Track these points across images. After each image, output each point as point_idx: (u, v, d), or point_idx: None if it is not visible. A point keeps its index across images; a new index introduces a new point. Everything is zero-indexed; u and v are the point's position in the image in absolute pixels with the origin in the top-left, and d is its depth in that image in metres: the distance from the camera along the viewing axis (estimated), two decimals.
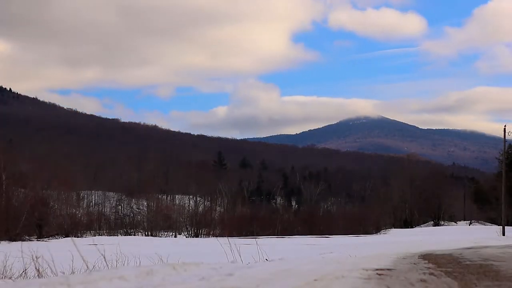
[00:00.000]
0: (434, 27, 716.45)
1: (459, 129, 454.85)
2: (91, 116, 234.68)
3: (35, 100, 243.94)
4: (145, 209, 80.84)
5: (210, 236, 64.78)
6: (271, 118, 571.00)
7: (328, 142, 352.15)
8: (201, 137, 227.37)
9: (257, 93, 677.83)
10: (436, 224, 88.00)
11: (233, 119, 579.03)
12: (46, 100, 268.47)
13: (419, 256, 16.80)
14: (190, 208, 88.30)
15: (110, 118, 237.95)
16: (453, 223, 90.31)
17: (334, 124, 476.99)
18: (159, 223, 70.73)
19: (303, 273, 9.53)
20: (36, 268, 11.97)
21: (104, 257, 13.28)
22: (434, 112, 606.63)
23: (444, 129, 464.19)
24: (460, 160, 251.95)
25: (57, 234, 56.77)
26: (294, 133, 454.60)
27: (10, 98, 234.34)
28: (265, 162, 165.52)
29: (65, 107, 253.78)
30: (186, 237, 66.55)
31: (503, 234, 50.04)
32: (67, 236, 54.64)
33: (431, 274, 9.70)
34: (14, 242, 44.12)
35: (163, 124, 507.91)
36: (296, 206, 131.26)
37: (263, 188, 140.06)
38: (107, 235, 62.72)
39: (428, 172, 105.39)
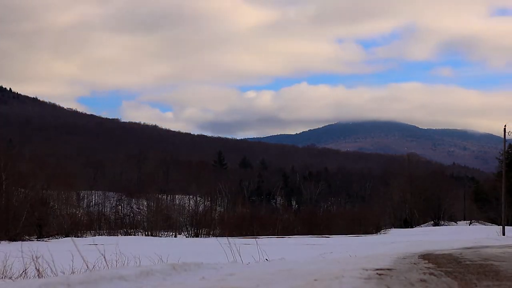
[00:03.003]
0: None
1: (459, 129, 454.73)
2: (91, 116, 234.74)
3: (35, 100, 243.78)
4: (145, 209, 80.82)
5: (210, 236, 64.71)
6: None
7: (328, 142, 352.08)
8: (201, 137, 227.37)
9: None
10: (436, 224, 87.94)
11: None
12: (46, 100, 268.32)
13: (419, 256, 16.81)
14: (190, 208, 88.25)
15: (110, 118, 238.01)
16: (453, 223, 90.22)
17: (334, 124, 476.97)
18: (159, 223, 70.67)
19: (303, 273, 9.53)
20: (36, 268, 11.98)
21: (104, 257, 13.28)
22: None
23: (444, 129, 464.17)
24: (460, 160, 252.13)
25: (57, 234, 56.69)
26: (294, 133, 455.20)
27: (10, 98, 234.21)
28: (265, 162, 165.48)
29: (65, 107, 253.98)
30: (186, 237, 66.50)
31: (503, 234, 50.01)
32: (67, 236, 54.57)
33: (431, 274, 9.70)
34: (14, 242, 44.08)
35: (163, 124, 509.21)
36: (296, 206, 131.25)
37: (263, 188, 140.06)
38: (107, 235, 62.63)
39: (428, 172, 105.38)
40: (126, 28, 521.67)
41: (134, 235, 65.65)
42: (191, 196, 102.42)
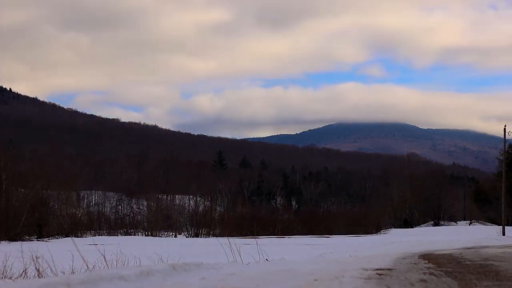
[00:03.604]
0: None
1: (459, 129, 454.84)
2: (91, 116, 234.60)
3: (35, 100, 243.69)
4: (145, 209, 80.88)
5: (210, 236, 64.76)
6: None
7: (328, 142, 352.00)
8: (201, 137, 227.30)
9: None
10: (436, 224, 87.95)
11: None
12: (46, 100, 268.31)
13: (419, 256, 16.81)
14: (190, 208, 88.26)
15: (110, 118, 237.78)
16: (453, 223, 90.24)
17: (334, 124, 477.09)
18: (159, 223, 70.71)
19: (303, 273, 9.53)
20: (36, 268, 11.97)
21: (104, 257, 13.28)
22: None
23: (444, 129, 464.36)
24: (460, 160, 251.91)
25: (57, 234, 56.73)
26: (294, 133, 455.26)
27: (10, 98, 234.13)
28: (265, 162, 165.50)
29: (65, 107, 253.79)
30: (186, 237, 66.53)
31: (503, 234, 50.01)
32: (67, 236, 54.59)
33: (431, 274, 9.70)
34: (14, 242, 44.13)
35: (163, 124, 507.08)
36: (296, 206, 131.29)
37: (263, 188, 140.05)
38: (107, 235, 62.70)
39: (428, 172, 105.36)
40: (67, 28, 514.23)
41: (134, 235, 65.70)
42: (191, 196, 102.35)
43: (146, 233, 67.39)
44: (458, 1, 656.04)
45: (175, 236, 67.61)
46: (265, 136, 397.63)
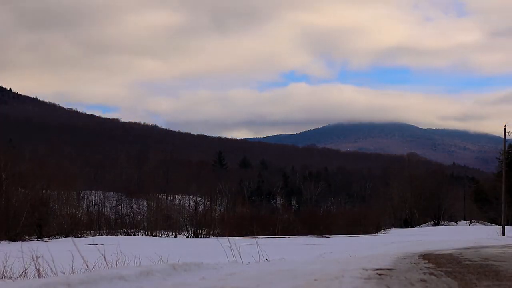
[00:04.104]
0: None
1: (459, 129, 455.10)
2: (91, 116, 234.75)
3: (35, 100, 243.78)
4: (145, 209, 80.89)
5: (210, 236, 64.73)
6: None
7: (328, 142, 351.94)
8: (201, 137, 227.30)
9: None
10: (436, 224, 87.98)
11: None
12: (46, 100, 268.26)
13: (419, 256, 16.80)
14: (190, 208, 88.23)
15: (110, 118, 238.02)
16: (453, 223, 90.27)
17: (334, 124, 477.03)
18: (159, 223, 70.71)
19: (303, 273, 9.53)
20: (36, 268, 11.97)
21: (104, 257, 13.28)
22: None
23: (444, 129, 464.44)
24: (460, 160, 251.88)
25: (57, 234, 56.73)
26: (294, 133, 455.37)
27: (10, 98, 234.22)
28: (265, 162, 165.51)
29: (65, 107, 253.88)
30: (186, 237, 66.51)
31: (503, 234, 50.03)
32: (67, 236, 54.60)
33: (431, 274, 9.70)
34: (14, 242, 44.13)
35: (163, 124, 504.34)
36: (296, 206, 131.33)
37: (263, 188, 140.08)
38: (107, 235, 62.69)
39: (428, 172, 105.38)
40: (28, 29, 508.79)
41: (134, 235, 65.68)
42: (191, 196, 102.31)
43: (146, 233, 67.37)
44: (393, 2, 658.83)
45: (175, 236, 67.58)
46: (265, 136, 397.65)
